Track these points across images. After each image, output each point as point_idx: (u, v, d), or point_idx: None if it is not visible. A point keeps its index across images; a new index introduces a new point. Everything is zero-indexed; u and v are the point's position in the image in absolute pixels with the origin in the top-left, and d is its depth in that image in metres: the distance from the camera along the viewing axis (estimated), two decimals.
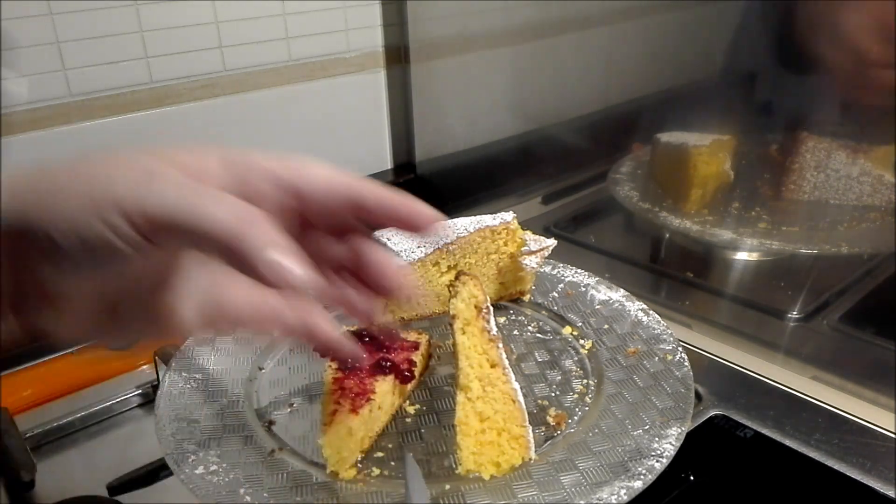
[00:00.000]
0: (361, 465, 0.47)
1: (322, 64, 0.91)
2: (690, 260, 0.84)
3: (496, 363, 0.47)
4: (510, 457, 0.45)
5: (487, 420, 0.46)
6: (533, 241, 0.64)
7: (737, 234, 0.80)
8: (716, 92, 0.86)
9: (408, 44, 0.97)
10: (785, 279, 0.77)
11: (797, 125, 0.81)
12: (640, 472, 0.43)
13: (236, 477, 0.44)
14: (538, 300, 0.67)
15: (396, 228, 0.34)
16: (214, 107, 0.84)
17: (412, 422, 0.52)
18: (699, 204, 0.85)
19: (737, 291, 0.79)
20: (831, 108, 0.80)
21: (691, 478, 0.55)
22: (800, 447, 0.52)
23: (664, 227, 0.84)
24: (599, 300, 0.65)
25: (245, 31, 0.84)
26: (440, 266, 0.63)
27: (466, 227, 0.62)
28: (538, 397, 0.53)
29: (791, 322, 0.71)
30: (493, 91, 0.99)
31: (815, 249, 0.76)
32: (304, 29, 0.88)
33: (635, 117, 0.95)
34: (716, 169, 0.85)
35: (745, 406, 0.57)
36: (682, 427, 0.47)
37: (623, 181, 0.92)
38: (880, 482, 0.49)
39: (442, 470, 0.47)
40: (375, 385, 0.49)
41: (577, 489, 0.43)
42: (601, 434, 0.48)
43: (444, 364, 0.58)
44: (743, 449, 0.55)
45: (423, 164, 1.02)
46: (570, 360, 0.58)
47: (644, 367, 0.55)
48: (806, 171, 0.81)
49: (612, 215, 0.94)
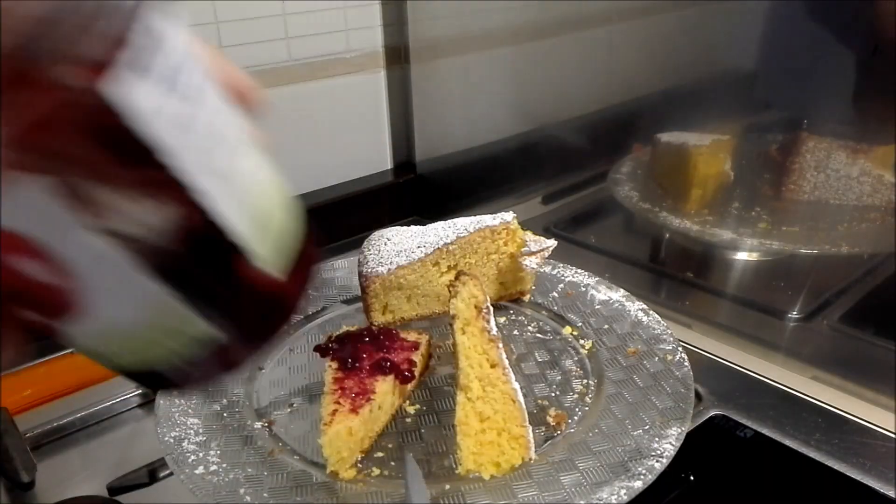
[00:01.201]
0: (361, 465, 0.47)
1: (322, 64, 0.91)
2: (690, 260, 0.84)
3: (496, 363, 0.47)
4: (510, 457, 0.45)
5: (487, 420, 0.46)
6: (533, 242, 0.64)
7: (737, 234, 0.80)
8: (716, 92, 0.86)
9: (408, 44, 0.97)
10: (785, 279, 0.77)
11: (797, 125, 0.81)
12: (640, 472, 0.43)
13: (236, 477, 0.44)
14: (538, 300, 0.67)
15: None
16: None
17: (412, 422, 0.52)
18: (699, 204, 0.85)
19: (737, 291, 0.79)
20: (831, 108, 0.80)
21: (691, 478, 0.55)
22: (800, 447, 0.52)
23: (664, 227, 0.84)
24: (599, 300, 0.65)
25: (245, 31, 0.84)
26: (440, 266, 0.63)
27: (466, 227, 0.62)
28: (538, 397, 0.53)
29: (791, 322, 0.71)
30: (493, 91, 0.99)
31: (815, 249, 0.76)
32: (304, 29, 0.88)
33: (635, 117, 0.94)
34: (716, 169, 0.85)
35: (745, 406, 0.57)
36: (682, 427, 0.47)
37: (623, 181, 0.92)
38: (880, 482, 0.49)
39: (442, 470, 0.47)
40: (375, 385, 0.49)
41: (577, 489, 0.43)
42: (601, 434, 0.48)
43: (444, 364, 0.58)
44: (743, 449, 0.55)
45: (423, 164, 1.02)
46: (570, 360, 0.58)
47: (644, 367, 0.55)
48: (806, 171, 0.81)
49: (612, 215, 0.94)
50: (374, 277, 0.61)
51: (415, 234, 0.63)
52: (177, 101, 0.17)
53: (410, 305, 0.64)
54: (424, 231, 0.63)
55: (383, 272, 0.61)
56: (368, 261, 0.62)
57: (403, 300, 0.63)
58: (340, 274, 0.72)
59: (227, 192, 0.19)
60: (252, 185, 0.21)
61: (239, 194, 0.20)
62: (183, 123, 0.17)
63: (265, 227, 0.21)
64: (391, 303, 0.63)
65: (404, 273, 0.61)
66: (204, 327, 0.20)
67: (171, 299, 0.19)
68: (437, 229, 0.63)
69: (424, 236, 0.62)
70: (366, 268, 0.61)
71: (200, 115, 0.18)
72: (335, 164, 0.98)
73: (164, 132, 0.17)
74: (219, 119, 0.20)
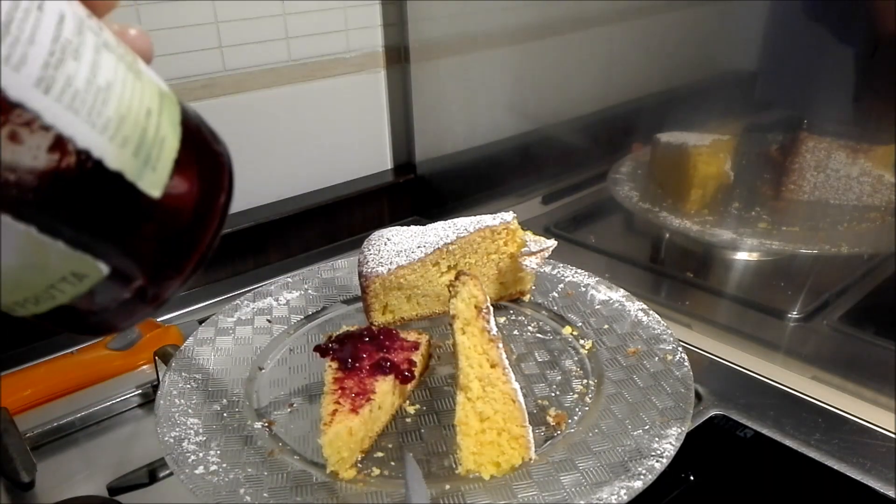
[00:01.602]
0: (361, 465, 0.47)
1: (322, 64, 0.91)
2: (690, 260, 0.84)
3: (496, 363, 0.47)
4: (510, 457, 0.45)
5: (487, 420, 0.46)
6: (533, 242, 0.64)
7: (737, 234, 0.80)
8: (716, 92, 0.86)
9: (408, 44, 0.97)
10: (785, 279, 0.77)
11: (797, 125, 0.81)
12: (640, 472, 0.43)
13: (236, 477, 0.44)
14: (538, 300, 0.67)
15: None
16: (214, 107, 0.84)
17: (412, 422, 0.52)
18: (699, 204, 0.85)
19: (737, 291, 0.79)
20: (831, 108, 0.80)
21: (691, 478, 0.55)
22: (800, 447, 0.52)
23: (664, 227, 0.84)
24: (599, 300, 0.65)
25: (245, 31, 0.84)
26: (440, 266, 0.63)
27: (466, 227, 0.62)
28: (538, 397, 0.53)
29: (791, 322, 0.71)
30: (493, 91, 0.99)
31: (815, 249, 0.76)
32: (304, 29, 0.88)
33: (635, 117, 0.94)
34: (716, 169, 0.85)
35: (745, 406, 0.57)
36: (682, 427, 0.47)
37: (623, 181, 0.92)
38: (880, 482, 0.49)
39: (442, 470, 0.47)
40: (375, 385, 0.49)
41: (577, 489, 0.43)
42: (601, 434, 0.48)
43: (444, 364, 0.58)
44: (743, 449, 0.55)
45: (423, 164, 1.02)
46: (570, 360, 0.58)
47: (644, 367, 0.55)
48: (806, 171, 0.81)
49: (612, 215, 0.94)
50: (374, 277, 0.61)
51: (415, 234, 0.63)
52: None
53: (410, 305, 0.64)
54: (424, 231, 0.63)
55: (383, 272, 0.61)
56: (368, 261, 0.62)
57: (403, 300, 0.63)
58: (340, 274, 0.72)
59: (78, 116, 0.17)
60: (107, 99, 0.18)
61: (93, 115, 0.18)
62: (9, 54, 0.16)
63: (144, 154, 0.19)
64: (391, 303, 0.63)
65: (404, 273, 0.61)
66: (92, 264, 0.19)
67: (46, 239, 0.17)
68: (437, 229, 0.63)
69: (424, 236, 0.62)
70: (366, 268, 0.61)
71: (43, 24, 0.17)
72: (335, 164, 0.98)
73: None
74: (49, 20, 0.17)
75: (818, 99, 0.80)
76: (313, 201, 0.93)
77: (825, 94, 0.78)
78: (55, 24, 0.18)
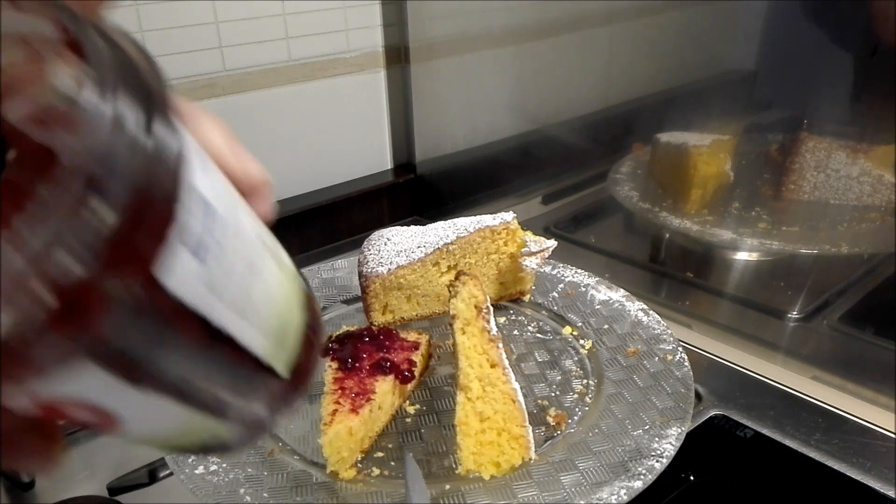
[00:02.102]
0: (361, 465, 0.47)
1: (322, 64, 0.91)
2: (690, 260, 0.84)
3: (496, 363, 0.47)
4: (510, 457, 0.45)
5: (487, 420, 0.46)
6: (533, 243, 0.64)
7: (737, 234, 0.80)
8: (716, 92, 0.86)
9: (408, 44, 0.97)
10: (785, 279, 0.77)
11: (797, 125, 0.81)
12: (640, 472, 0.43)
13: (236, 477, 0.44)
14: (538, 300, 0.67)
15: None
16: (214, 107, 0.84)
17: (412, 422, 0.52)
18: (699, 204, 0.85)
19: (737, 291, 0.79)
20: (831, 108, 0.80)
21: (691, 478, 0.55)
22: (800, 447, 0.52)
23: (664, 227, 0.84)
24: (599, 300, 0.65)
25: (245, 31, 0.84)
26: (440, 266, 0.63)
27: (466, 227, 0.62)
28: (538, 397, 0.53)
29: (791, 322, 0.71)
30: (493, 91, 0.99)
31: (815, 249, 0.76)
32: (304, 29, 0.88)
33: (635, 117, 0.94)
34: (716, 169, 0.85)
35: (745, 406, 0.57)
36: (682, 427, 0.47)
37: (623, 181, 0.92)
38: (880, 482, 0.49)
39: (442, 470, 0.47)
40: (375, 385, 0.49)
41: (577, 489, 0.43)
42: (601, 434, 0.48)
43: (444, 364, 0.58)
44: (743, 449, 0.55)
45: (423, 164, 1.02)
46: (570, 360, 0.58)
47: (644, 367, 0.55)
48: (806, 171, 0.81)
49: (612, 215, 0.94)
50: (374, 277, 0.61)
51: (415, 234, 0.63)
52: (211, 259, 0.17)
53: (410, 305, 0.64)
54: (424, 231, 0.63)
55: (383, 272, 0.61)
56: (368, 261, 0.62)
57: (403, 300, 0.63)
58: (340, 274, 0.72)
59: (248, 324, 0.19)
60: (268, 305, 0.21)
61: (259, 322, 0.20)
62: (213, 280, 0.17)
63: (282, 340, 0.21)
64: (391, 303, 0.63)
65: (404, 273, 0.61)
66: (227, 428, 0.21)
67: (197, 415, 0.19)
68: (437, 229, 0.63)
69: (424, 236, 0.62)
70: (366, 268, 0.61)
71: (226, 256, 0.18)
72: (335, 164, 0.98)
73: (194, 293, 0.16)
74: (238, 245, 0.19)
75: (818, 99, 0.80)
76: (313, 201, 0.93)
77: (825, 94, 0.78)
78: (250, 239, 0.20)
